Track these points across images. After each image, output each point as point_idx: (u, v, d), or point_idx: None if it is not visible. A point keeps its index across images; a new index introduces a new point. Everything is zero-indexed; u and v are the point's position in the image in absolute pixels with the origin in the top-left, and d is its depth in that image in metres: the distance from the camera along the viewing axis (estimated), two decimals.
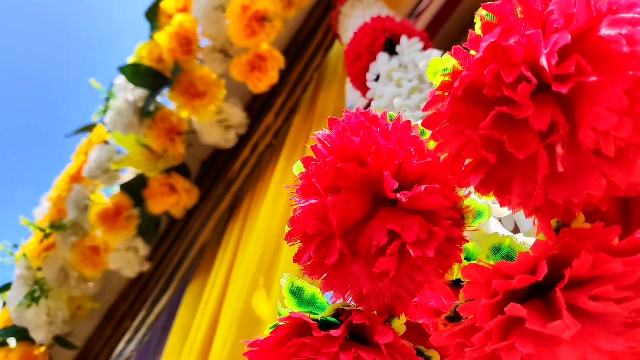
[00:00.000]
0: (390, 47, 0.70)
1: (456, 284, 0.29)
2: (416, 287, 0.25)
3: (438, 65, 0.23)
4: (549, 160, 0.20)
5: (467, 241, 0.25)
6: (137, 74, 1.09)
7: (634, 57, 0.19)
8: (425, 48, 0.68)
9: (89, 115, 1.31)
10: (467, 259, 0.28)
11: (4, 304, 1.43)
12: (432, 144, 0.24)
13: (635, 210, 0.24)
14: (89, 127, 1.32)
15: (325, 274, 0.26)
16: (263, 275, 0.73)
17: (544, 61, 0.19)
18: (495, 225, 0.31)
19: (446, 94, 0.22)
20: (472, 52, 0.22)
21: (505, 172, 0.22)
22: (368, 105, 0.82)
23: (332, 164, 0.25)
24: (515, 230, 0.44)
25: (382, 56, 0.67)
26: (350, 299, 0.26)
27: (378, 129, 0.25)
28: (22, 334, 1.34)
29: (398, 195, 0.24)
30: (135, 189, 1.17)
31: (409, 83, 0.59)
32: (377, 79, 0.66)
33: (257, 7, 0.94)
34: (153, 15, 1.18)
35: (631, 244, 0.22)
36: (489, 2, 0.22)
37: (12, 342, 1.39)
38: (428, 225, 0.24)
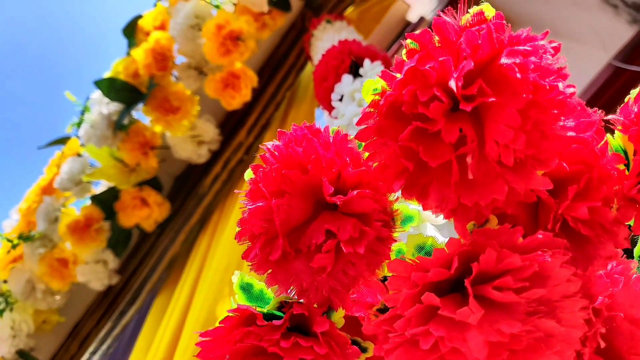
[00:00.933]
0: (355, 70, 0.74)
1: None
2: (351, 282, 0.28)
3: (371, 86, 0.26)
4: (459, 169, 0.24)
5: (396, 241, 0.28)
6: (112, 88, 1.11)
7: (525, 83, 0.22)
8: None
9: (63, 128, 1.32)
10: None
11: None
12: (366, 155, 0.28)
13: (542, 215, 0.28)
14: (62, 140, 1.33)
15: (270, 270, 0.29)
16: (228, 285, 0.75)
17: (452, 84, 0.23)
18: (432, 231, 0.35)
19: (375, 111, 0.25)
20: (397, 74, 0.25)
21: (424, 179, 0.25)
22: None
23: (278, 171, 0.28)
24: None
25: (347, 78, 0.71)
26: (293, 293, 0.29)
27: (320, 141, 0.28)
28: None
29: (335, 199, 0.27)
30: (106, 201, 1.18)
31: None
32: (341, 99, 0.70)
33: (231, 27, 0.97)
34: (131, 32, 1.21)
35: (533, 243, 0.25)
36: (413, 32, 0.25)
37: None
38: (360, 225, 0.27)
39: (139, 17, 1.19)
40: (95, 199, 1.20)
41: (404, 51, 0.26)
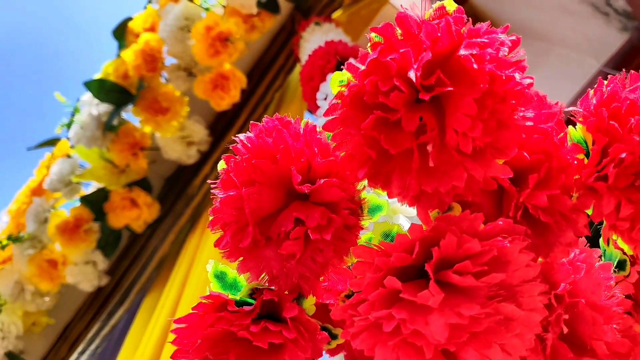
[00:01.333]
0: (341, 70, 0.75)
1: None
2: (319, 268, 0.28)
3: (338, 78, 0.27)
4: (421, 157, 0.25)
5: (363, 228, 0.29)
6: (102, 89, 1.12)
7: (482, 73, 0.23)
8: None
9: (53, 130, 1.32)
10: None
11: None
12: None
13: (506, 204, 0.29)
14: (52, 141, 1.33)
15: (241, 258, 0.29)
16: None
17: (411, 74, 0.23)
18: (404, 222, 0.35)
19: (340, 102, 0.26)
20: (362, 66, 0.26)
21: (387, 167, 0.26)
22: None
23: (249, 161, 0.28)
24: None
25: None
26: (264, 280, 0.30)
27: (289, 132, 0.29)
28: None
29: (303, 187, 0.28)
30: (96, 202, 1.19)
31: None
32: (326, 98, 0.71)
33: (220, 29, 0.98)
34: (121, 34, 1.21)
35: (493, 229, 0.26)
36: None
37: None
38: (328, 213, 0.27)
39: (129, 19, 1.20)
40: (85, 199, 1.20)
41: (368, 44, 0.27)
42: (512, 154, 0.25)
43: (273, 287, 0.30)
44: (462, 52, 0.24)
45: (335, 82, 0.28)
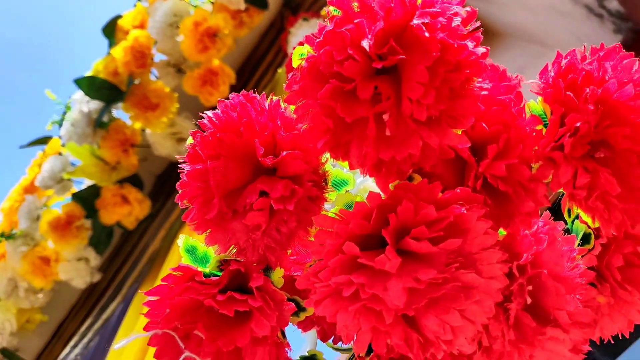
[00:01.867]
0: None
1: None
2: (284, 239, 0.29)
3: (298, 52, 0.28)
4: (377, 126, 0.25)
5: (327, 200, 0.29)
6: (92, 86, 1.13)
7: (433, 41, 0.24)
8: None
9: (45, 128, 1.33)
10: None
11: None
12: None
13: (467, 175, 0.29)
14: (44, 140, 1.34)
15: (209, 230, 0.30)
16: None
17: (364, 43, 0.24)
18: None
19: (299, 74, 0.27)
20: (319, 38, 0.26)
21: (345, 137, 0.26)
22: None
23: (214, 135, 0.29)
24: None
25: None
26: (232, 252, 0.30)
27: (254, 107, 0.30)
28: None
29: (266, 159, 0.28)
30: (88, 199, 1.19)
31: None
32: None
33: (209, 24, 0.99)
34: (111, 31, 1.22)
35: (452, 197, 0.26)
36: None
37: None
38: (292, 185, 0.28)
39: (119, 17, 1.21)
40: (76, 196, 1.21)
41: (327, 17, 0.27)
42: (468, 123, 0.26)
43: (240, 259, 0.30)
44: (415, 21, 0.24)
45: (297, 56, 0.28)
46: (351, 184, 0.32)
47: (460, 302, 0.25)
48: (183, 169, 0.30)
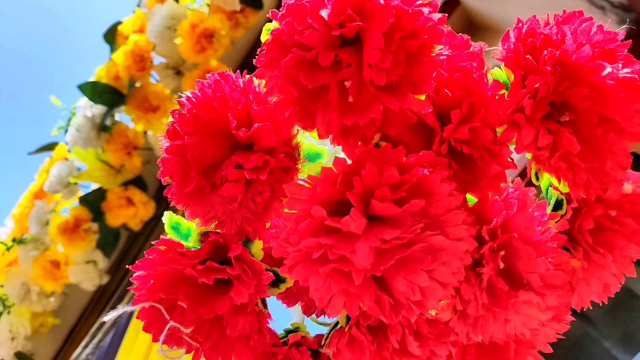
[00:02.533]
0: None
1: None
2: (260, 209, 0.30)
3: (267, 28, 0.29)
4: (340, 93, 0.26)
5: (300, 171, 0.30)
6: (95, 91, 1.15)
7: (388, 8, 0.25)
8: None
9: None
10: None
11: None
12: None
13: (433, 141, 0.30)
14: (51, 146, 1.36)
15: (189, 205, 0.31)
16: None
17: (322, 12, 0.25)
18: None
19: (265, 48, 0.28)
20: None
21: (312, 106, 0.27)
22: None
23: (191, 112, 0.30)
24: None
25: None
26: (213, 226, 0.32)
27: (227, 83, 0.31)
28: None
29: (239, 132, 0.29)
30: (94, 202, 1.21)
31: None
32: None
33: (205, 25, 1.01)
34: (112, 37, 1.25)
35: (416, 160, 0.27)
36: None
37: None
38: (264, 157, 0.29)
39: (119, 23, 1.23)
40: (83, 199, 1.23)
41: None
42: (428, 88, 0.27)
43: (219, 231, 0.31)
44: None
45: (265, 32, 0.29)
46: (325, 157, 0.33)
47: (427, 263, 0.26)
48: (162, 147, 0.31)
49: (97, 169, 1.19)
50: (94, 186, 1.27)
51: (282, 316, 0.42)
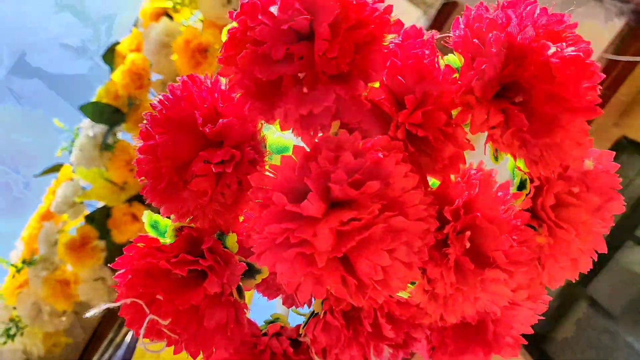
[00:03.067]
0: None
1: None
2: (229, 202, 0.31)
3: (227, 28, 0.31)
4: (294, 84, 0.28)
5: (266, 162, 0.32)
6: (96, 111, 1.18)
7: (333, 0, 0.26)
8: None
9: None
10: None
11: None
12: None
13: (390, 129, 0.31)
14: (56, 167, 1.39)
15: (164, 202, 0.33)
16: None
17: (272, 9, 0.27)
18: None
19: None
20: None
21: (270, 99, 0.29)
22: None
23: (161, 113, 0.32)
24: None
25: None
26: (188, 221, 0.33)
27: (195, 84, 0.32)
28: None
29: (205, 128, 0.31)
30: (100, 220, 1.24)
31: None
32: None
33: (199, 41, 1.03)
34: (110, 58, 1.28)
35: (372, 145, 0.29)
36: None
37: None
38: (231, 151, 0.31)
39: (117, 43, 1.27)
40: (89, 218, 1.26)
41: None
42: (378, 76, 0.28)
43: (193, 226, 0.33)
44: None
45: (224, 33, 0.31)
46: (291, 149, 0.34)
47: (387, 243, 0.27)
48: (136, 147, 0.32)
49: (102, 187, 1.21)
50: (99, 204, 1.29)
51: (268, 310, 0.43)
